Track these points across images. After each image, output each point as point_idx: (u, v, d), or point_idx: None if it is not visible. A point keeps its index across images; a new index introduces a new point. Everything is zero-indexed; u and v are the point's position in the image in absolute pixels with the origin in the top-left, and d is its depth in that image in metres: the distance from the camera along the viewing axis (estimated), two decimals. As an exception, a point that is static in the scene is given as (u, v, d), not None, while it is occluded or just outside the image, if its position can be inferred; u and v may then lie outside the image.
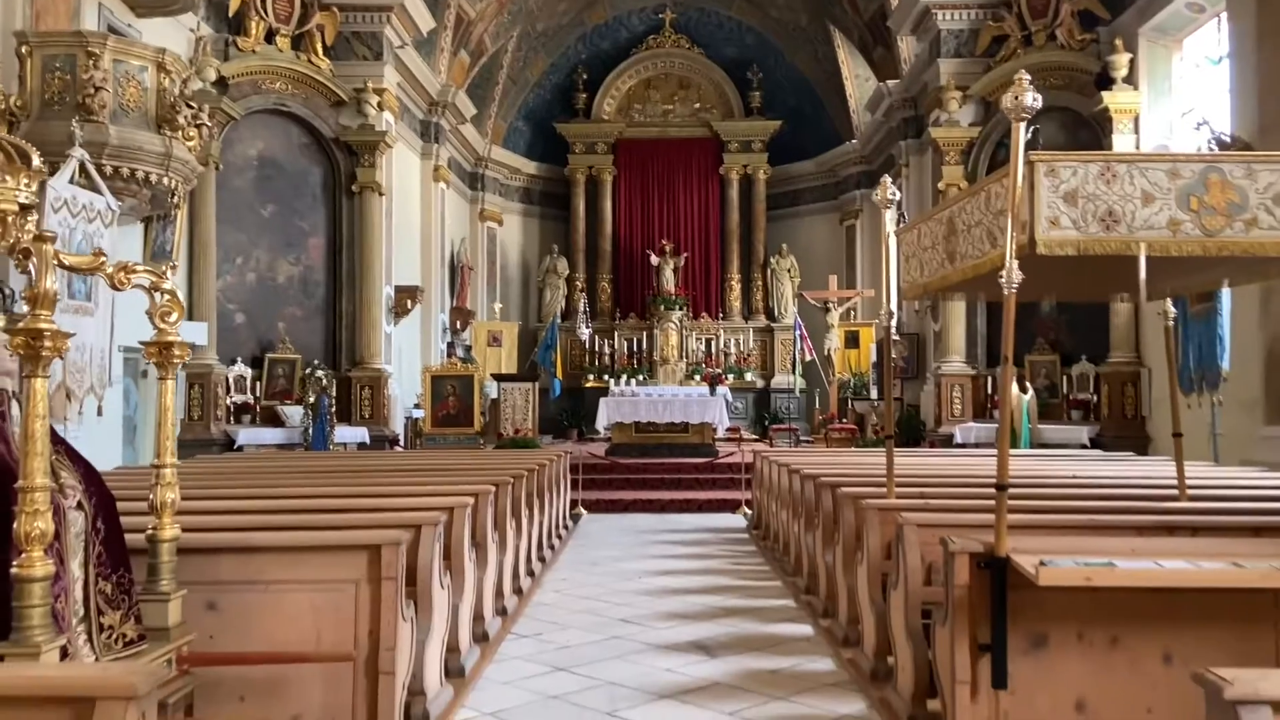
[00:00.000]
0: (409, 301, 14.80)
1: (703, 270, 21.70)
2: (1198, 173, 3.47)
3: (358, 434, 12.85)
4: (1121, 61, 11.93)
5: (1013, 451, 11.03)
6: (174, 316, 3.38)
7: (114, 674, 2.03)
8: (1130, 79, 12.04)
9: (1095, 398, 12.52)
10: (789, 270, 21.19)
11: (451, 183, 18.12)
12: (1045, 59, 12.88)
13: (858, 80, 19.90)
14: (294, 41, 12.91)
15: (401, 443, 14.12)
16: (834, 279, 18.62)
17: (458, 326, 18.48)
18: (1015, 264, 3.49)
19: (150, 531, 3.31)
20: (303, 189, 13.28)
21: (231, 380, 12.35)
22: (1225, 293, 8.55)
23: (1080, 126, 12.86)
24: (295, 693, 3.51)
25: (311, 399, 12.17)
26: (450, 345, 17.66)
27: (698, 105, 22.15)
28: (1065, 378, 13.01)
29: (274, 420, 12.53)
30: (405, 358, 15.28)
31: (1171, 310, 5.04)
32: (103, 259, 3.17)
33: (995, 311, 12.69)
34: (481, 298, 20.17)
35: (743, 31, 21.49)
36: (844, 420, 16.49)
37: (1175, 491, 5.11)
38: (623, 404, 14.90)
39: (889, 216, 5.02)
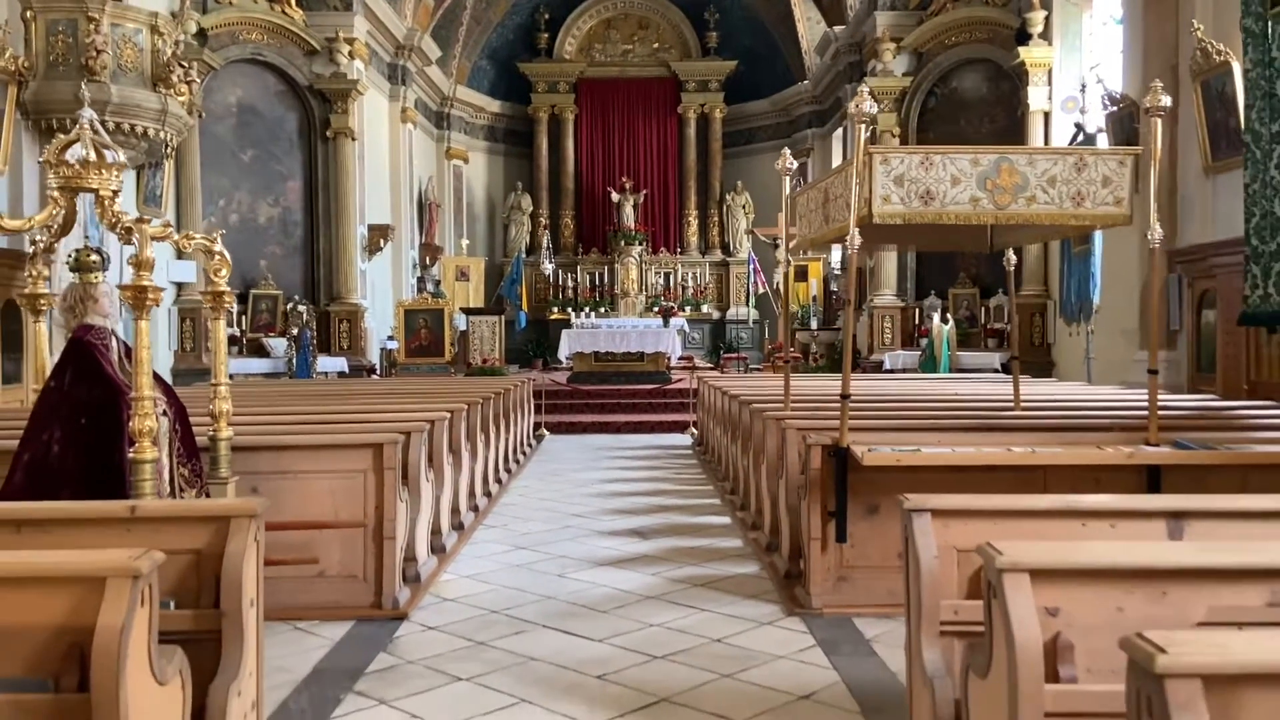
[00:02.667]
0: (381, 239, 15.77)
1: (661, 206, 22.67)
2: (993, 162, 4.64)
3: (337, 364, 13.93)
4: (1037, 19, 13.01)
5: (926, 375, 12.38)
6: (224, 272, 4.49)
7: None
8: (1045, 35, 13.12)
9: (1009, 327, 13.86)
10: (744, 206, 22.22)
11: (418, 123, 18.87)
12: (971, 14, 13.92)
13: (809, 23, 20.71)
14: (268, -8, 13.61)
15: (378, 372, 15.21)
16: (782, 216, 19.69)
17: (427, 262, 19.42)
18: (857, 231, 4.66)
19: (211, 433, 4.44)
20: (279, 134, 14.11)
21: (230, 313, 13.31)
22: (1098, 236, 9.80)
23: (1002, 78, 13.98)
24: (321, 551, 4.71)
25: (294, 332, 13.21)
26: (420, 280, 18.65)
27: (656, 45, 22.87)
28: (984, 309, 14.33)
29: (259, 351, 13.56)
30: (378, 292, 16.27)
31: (1012, 258, 6.27)
32: (170, 228, 4.26)
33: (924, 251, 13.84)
34: (449, 234, 21.05)
35: (700, -28, 22.17)
36: (791, 349, 17.78)
37: (1011, 404, 6.40)
38: (583, 335, 16.06)
39: (786, 182, 6.15)
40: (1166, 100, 4.64)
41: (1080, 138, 11.25)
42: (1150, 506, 3.03)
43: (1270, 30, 6.43)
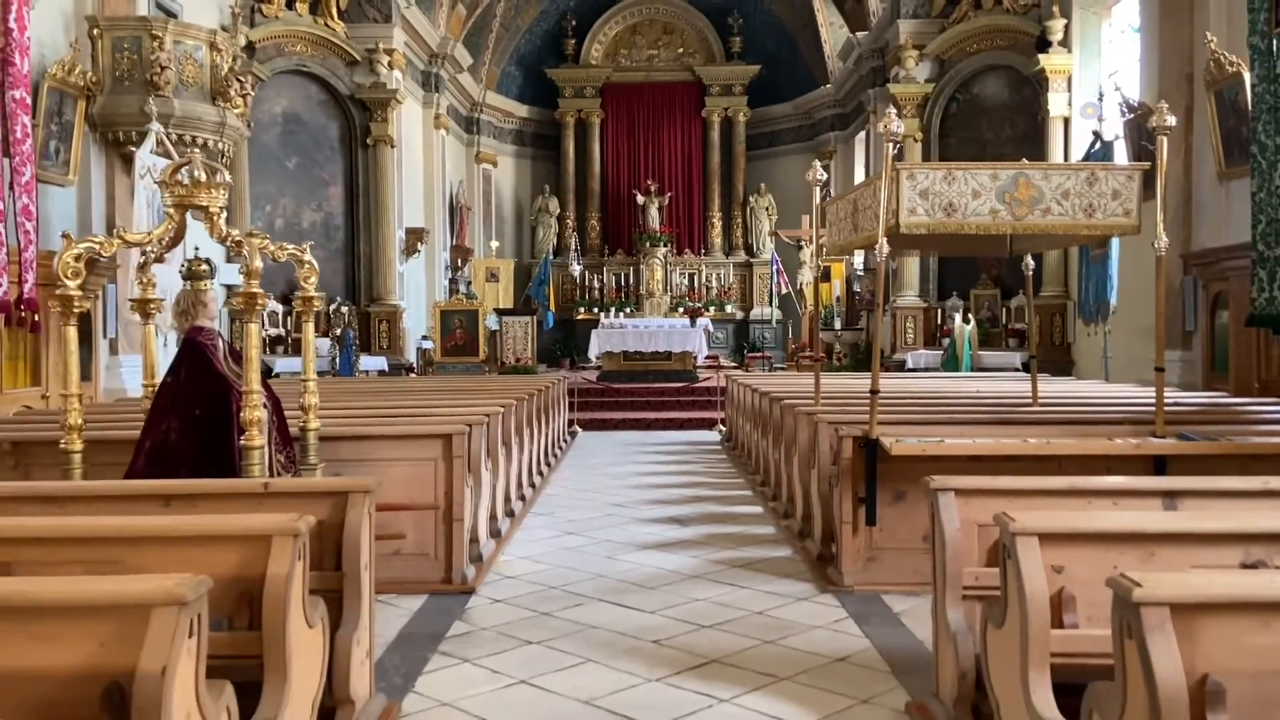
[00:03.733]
0: (417, 242, 16.30)
1: (686, 208, 23.11)
2: (1010, 177, 5.06)
3: (378, 362, 14.46)
4: (1057, 26, 13.35)
5: (950, 374, 12.77)
6: (312, 279, 4.97)
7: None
8: (1065, 42, 13.46)
9: (1029, 327, 14.20)
10: (767, 208, 22.63)
11: (450, 128, 19.41)
12: (993, 22, 14.28)
13: (832, 27, 21.08)
14: (312, 6, 14.17)
15: (415, 370, 15.74)
16: (806, 219, 20.10)
17: (458, 264, 19.95)
18: (885, 240, 5.10)
19: (301, 424, 4.93)
20: (322, 142, 14.66)
21: (265, 315, 13.90)
22: (1115, 240, 10.17)
23: (1023, 84, 14.33)
24: (398, 530, 5.19)
25: (338, 332, 13.75)
26: (453, 281, 19.18)
27: (681, 50, 23.31)
28: (1005, 309, 14.69)
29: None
30: (413, 293, 16.81)
31: (1030, 262, 6.68)
32: (266, 240, 4.76)
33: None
34: (479, 236, 21.58)
35: (723, -23, 22.60)
36: (813, 349, 18.18)
37: (1027, 400, 6.81)
38: (612, 335, 16.52)
39: (816, 192, 6.59)
40: (1171, 120, 5.05)
41: (1098, 145, 11.60)
42: (1148, 487, 3.46)
43: (1275, 47, 6.80)
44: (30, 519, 3.04)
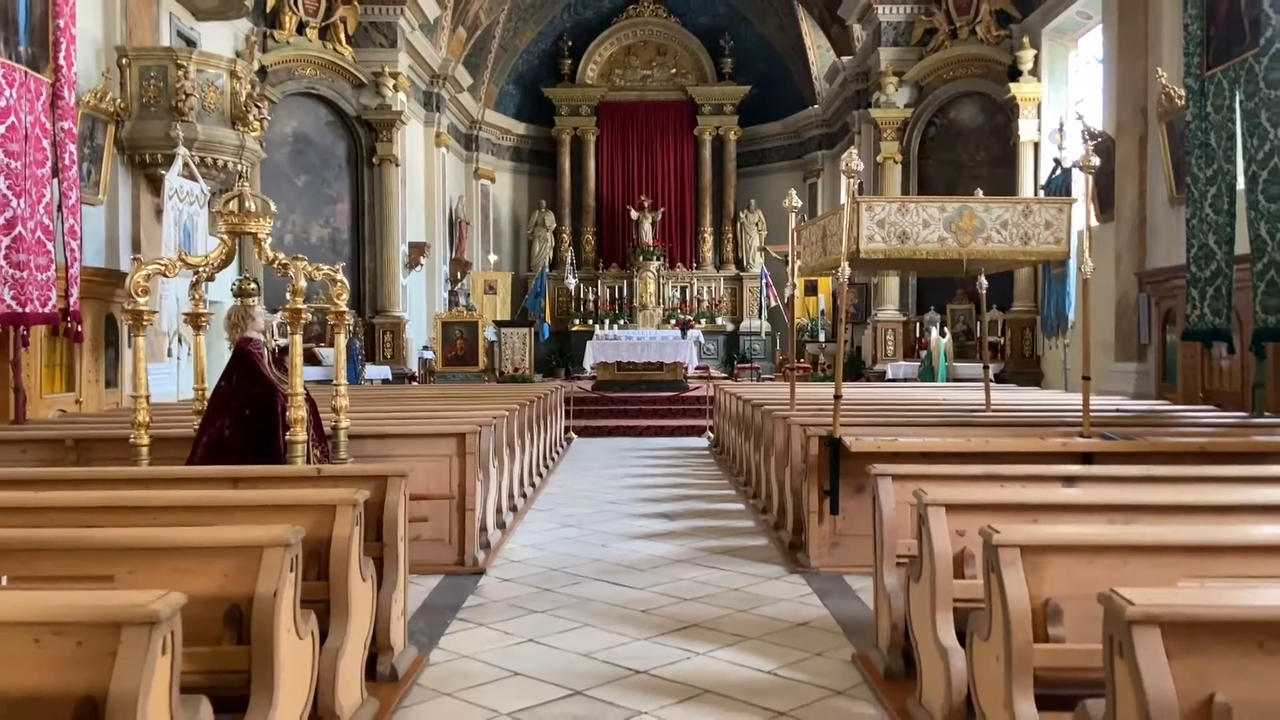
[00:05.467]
0: (419, 257, 16.99)
1: (678, 223, 23.85)
2: (956, 209, 5.79)
3: (382, 371, 15.14)
4: (1027, 57, 14.14)
5: (925, 384, 13.49)
6: (343, 296, 5.67)
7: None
8: (1035, 72, 14.25)
9: (1002, 340, 14.97)
10: (757, 224, 23.39)
11: (450, 146, 20.13)
12: (967, 51, 15.07)
13: (819, 50, 21.90)
14: (321, 32, 14.90)
15: (417, 379, 16.42)
16: (790, 248, 20.81)
17: (458, 276, 20.65)
18: (847, 264, 5.81)
19: (334, 423, 5.61)
20: (330, 161, 15.37)
21: (275, 326, 14.54)
22: (1072, 259, 10.90)
23: (996, 110, 15.12)
24: (421, 514, 5.87)
25: (344, 342, 14.40)
26: (453, 294, 19.87)
27: (674, 70, 24.10)
28: (979, 323, 15.42)
29: (311, 360, 14.75)
30: (415, 305, 17.49)
31: (984, 281, 7.40)
32: (303, 261, 5.45)
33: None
34: (477, 250, 22.28)
35: (715, 1, 23.40)
36: (801, 360, 18.91)
37: (982, 407, 7.53)
38: (606, 346, 17.21)
39: (792, 218, 7.31)
40: (1096, 160, 5.78)
41: (1058, 172, 12.35)
42: (1051, 473, 4.17)
43: (1205, 89, 7.55)
44: (134, 491, 3.73)
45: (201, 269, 5.53)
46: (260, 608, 2.67)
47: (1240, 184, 7.22)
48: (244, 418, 5.11)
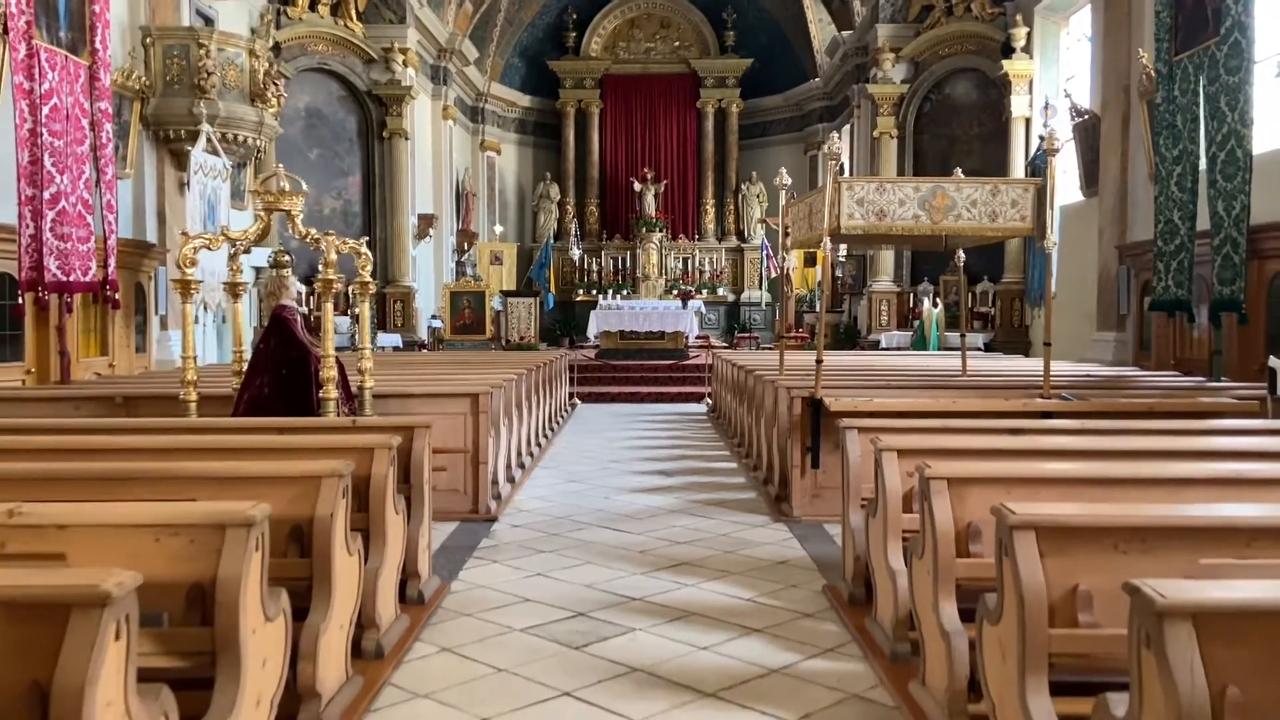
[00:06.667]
0: (428, 228, 17.50)
1: (681, 195, 24.29)
2: (930, 189, 6.29)
3: (393, 339, 15.70)
4: (1020, 34, 14.52)
5: (917, 352, 14.01)
6: (367, 268, 6.20)
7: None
8: (1027, 49, 14.64)
9: (992, 310, 15.48)
10: (758, 196, 23.82)
11: (457, 119, 20.55)
12: (962, 28, 15.45)
13: (820, 24, 22.20)
14: (333, 9, 15.32)
15: (426, 347, 16.98)
16: (780, 224, 21.28)
17: (464, 247, 21.14)
18: (828, 240, 6.33)
19: (359, 384, 6.17)
20: (341, 135, 15.84)
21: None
22: (1055, 232, 11.38)
23: (989, 86, 15.52)
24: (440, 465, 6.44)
25: (356, 311, 14.95)
26: (460, 264, 20.38)
27: (677, 43, 24.43)
28: (971, 294, 15.92)
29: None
30: (423, 275, 18.01)
31: (962, 255, 7.92)
32: (332, 235, 5.98)
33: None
34: (483, 221, 22.75)
35: (718, -26, 23.69)
36: (799, 330, 19.44)
37: (959, 372, 8.07)
38: (609, 315, 17.74)
39: (783, 195, 7.82)
40: (1059, 144, 6.28)
41: (1043, 149, 12.76)
42: (999, 426, 4.72)
43: (1174, 73, 8.02)
44: (203, 436, 4.30)
45: (240, 242, 6.06)
46: (320, 527, 3.24)
47: (1203, 164, 7.71)
48: (281, 377, 5.67)
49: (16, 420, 5.15)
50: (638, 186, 23.37)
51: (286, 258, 5.88)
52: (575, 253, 23.03)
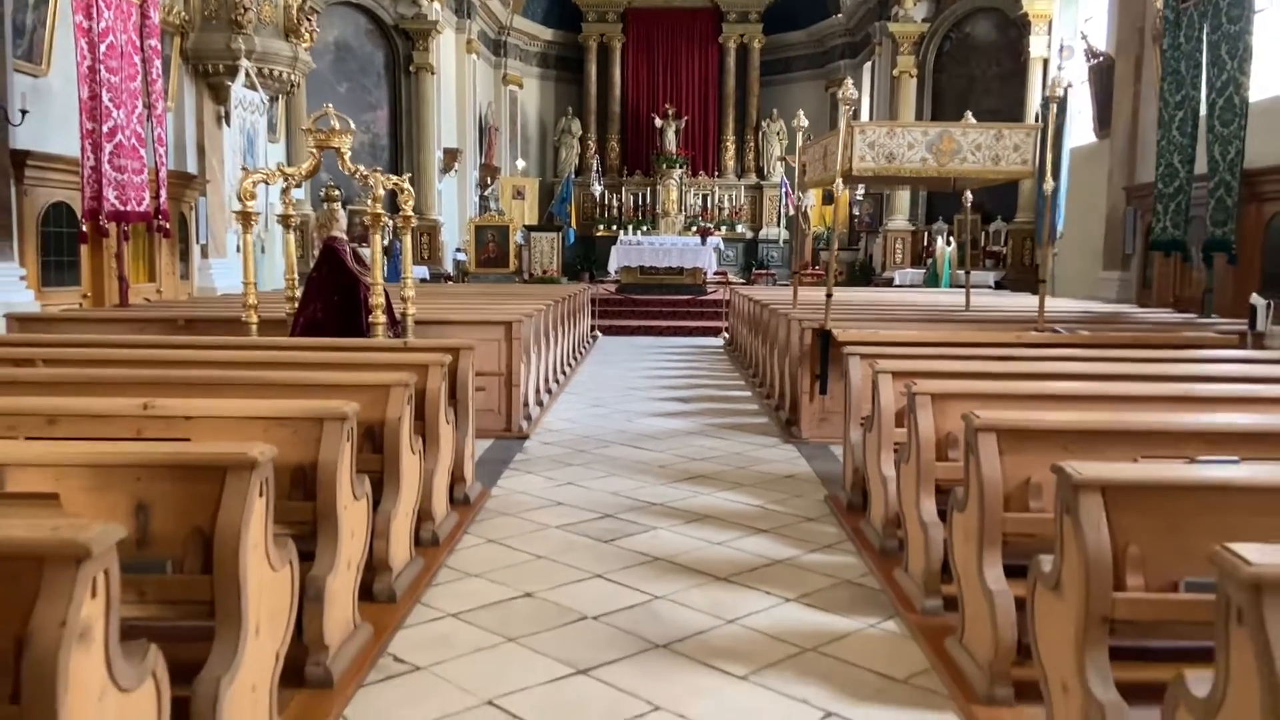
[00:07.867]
0: (453, 162, 17.87)
1: (701, 132, 24.45)
2: (937, 133, 6.67)
3: (420, 271, 16.18)
4: (1041, -27, 14.60)
5: (930, 289, 14.39)
6: (410, 203, 6.68)
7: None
8: (1048, -12, 14.73)
9: (1005, 249, 15.81)
10: (778, 133, 23.95)
11: (480, 53, 20.74)
12: (984, -33, 15.50)
13: (844, -42, 22.10)
14: (360, -57, 15.52)
15: (452, 279, 17.49)
16: (797, 166, 21.46)
17: (487, 182, 21.51)
18: (840, 180, 6.74)
19: (402, 311, 6.69)
20: (369, 69, 16.15)
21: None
22: (1064, 172, 11.70)
23: (1009, 26, 15.62)
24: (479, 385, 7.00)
25: (385, 244, 15.44)
26: (483, 198, 20.77)
27: (700, -23, 24.36)
28: (985, 233, 16.24)
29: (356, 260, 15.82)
30: (448, 209, 18.43)
31: (969, 195, 8.30)
32: (378, 170, 6.45)
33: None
34: (505, 156, 23.05)
35: (742, -94, 23.51)
36: (816, 267, 19.81)
37: (963, 307, 8.52)
38: (630, 251, 18.17)
39: (800, 136, 8.20)
40: (1060, 91, 6.63)
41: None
42: (990, 353, 5.20)
43: (1180, 19, 8.28)
44: (273, 352, 4.85)
45: (293, 177, 6.54)
46: (390, 428, 3.78)
47: (1203, 110, 8.02)
48: (333, 302, 6.20)
49: (118, 337, 5.71)
50: (659, 122, 23.54)
51: (337, 192, 6.36)
52: (596, 188, 23.32)
